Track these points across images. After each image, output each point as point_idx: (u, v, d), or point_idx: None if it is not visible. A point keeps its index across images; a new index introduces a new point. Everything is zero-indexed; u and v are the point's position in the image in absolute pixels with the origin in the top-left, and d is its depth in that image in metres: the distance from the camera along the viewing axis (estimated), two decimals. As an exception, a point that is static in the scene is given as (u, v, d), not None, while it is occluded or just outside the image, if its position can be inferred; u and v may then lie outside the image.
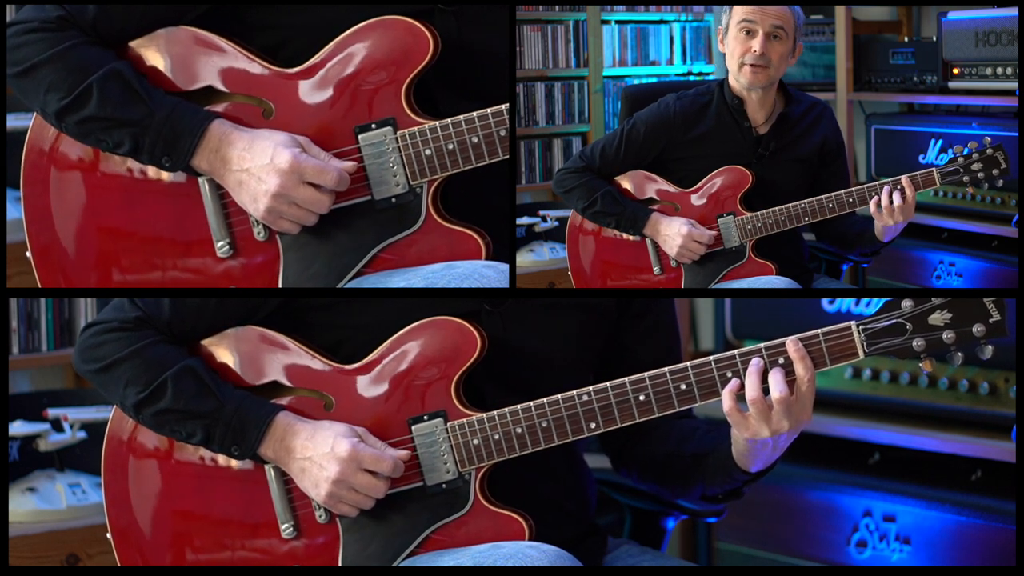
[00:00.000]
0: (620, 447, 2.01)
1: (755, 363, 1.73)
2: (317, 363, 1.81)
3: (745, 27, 2.61)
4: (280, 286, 1.86)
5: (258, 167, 1.80)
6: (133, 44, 1.85)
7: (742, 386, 1.73)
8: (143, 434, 1.85)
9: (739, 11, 2.61)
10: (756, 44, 2.60)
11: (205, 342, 1.84)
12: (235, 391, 1.80)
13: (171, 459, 1.85)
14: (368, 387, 1.80)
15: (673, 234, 2.70)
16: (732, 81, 2.70)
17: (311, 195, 1.80)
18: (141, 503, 1.85)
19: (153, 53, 1.85)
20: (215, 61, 1.84)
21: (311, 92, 1.82)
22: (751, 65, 2.62)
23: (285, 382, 1.82)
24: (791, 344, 1.73)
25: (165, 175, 1.87)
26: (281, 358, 1.82)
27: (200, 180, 1.85)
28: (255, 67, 1.83)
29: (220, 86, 1.84)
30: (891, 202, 2.57)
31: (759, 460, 1.80)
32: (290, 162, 1.78)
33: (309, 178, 1.79)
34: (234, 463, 1.83)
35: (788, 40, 2.62)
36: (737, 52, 2.63)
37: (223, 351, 1.83)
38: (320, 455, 1.76)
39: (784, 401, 1.71)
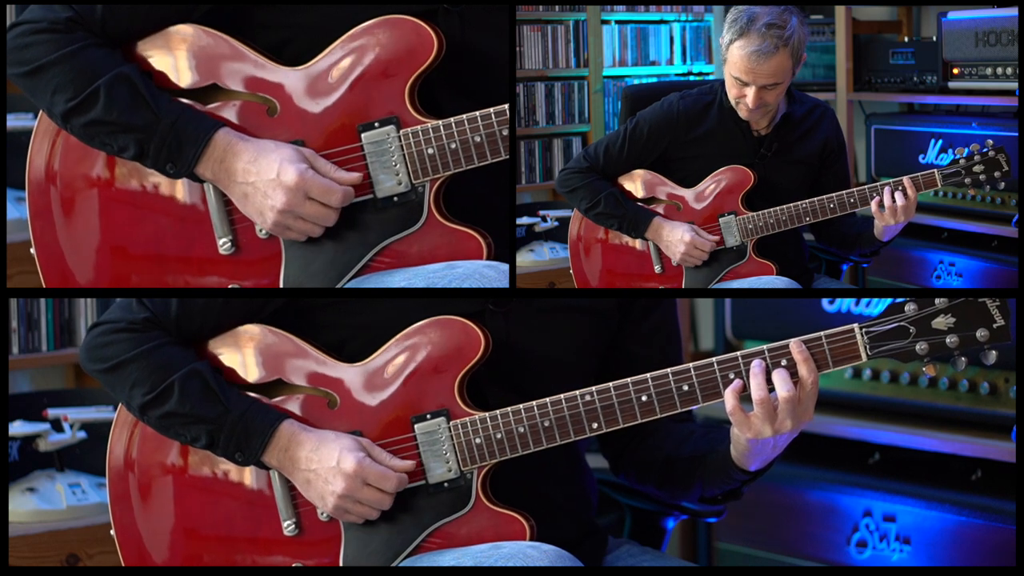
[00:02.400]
0: (619, 451, 2.01)
1: (758, 364, 1.73)
2: (321, 361, 1.81)
3: (737, 80, 2.58)
4: (282, 284, 1.86)
5: (264, 182, 1.80)
6: (139, 43, 1.86)
7: (745, 387, 1.73)
8: (143, 454, 1.85)
9: (732, 64, 2.54)
10: (749, 98, 2.57)
11: (211, 341, 1.84)
12: (241, 397, 1.80)
13: (174, 475, 1.85)
14: (372, 385, 1.80)
15: (676, 240, 2.71)
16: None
17: (317, 210, 1.80)
18: (146, 519, 1.86)
19: (159, 51, 1.85)
20: (220, 59, 1.84)
21: (315, 90, 1.82)
22: (747, 109, 2.60)
23: (289, 380, 1.82)
24: (795, 346, 1.73)
25: (178, 194, 1.87)
26: (285, 356, 1.82)
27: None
28: (260, 65, 1.84)
29: (225, 84, 1.84)
30: (893, 202, 2.57)
31: (759, 459, 1.81)
32: (296, 180, 1.78)
33: (315, 196, 1.80)
34: (234, 476, 1.83)
35: (785, 83, 2.59)
36: (733, 93, 2.61)
37: (228, 349, 1.83)
38: (326, 469, 1.76)
39: (790, 400, 1.71)
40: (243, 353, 1.83)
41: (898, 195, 2.57)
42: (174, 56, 1.85)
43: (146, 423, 1.83)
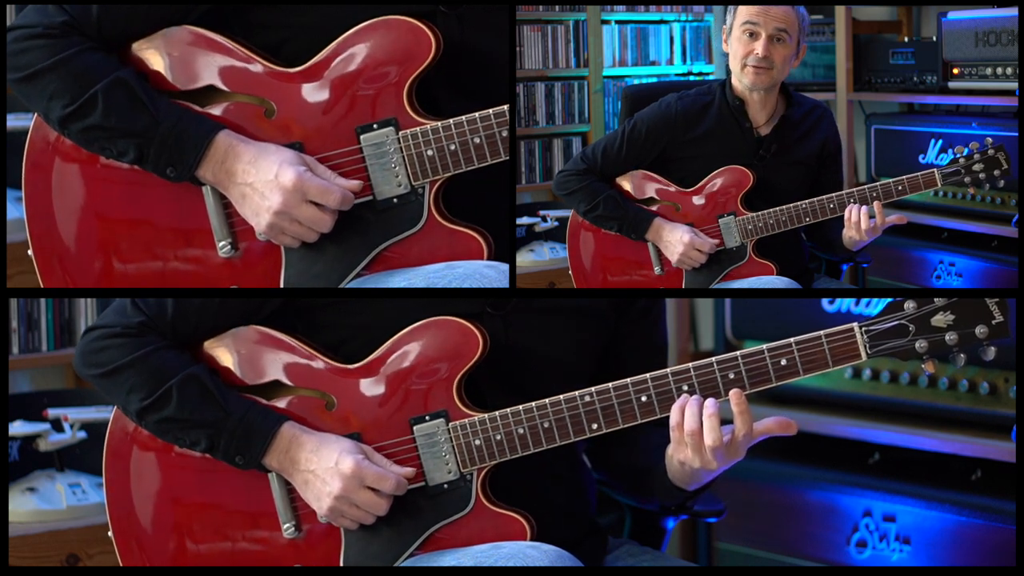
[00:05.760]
0: (594, 452, 2.02)
1: (695, 399, 1.73)
2: (319, 362, 1.81)
3: (748, 28, 2.61)
4: (282, 285, 1.86)
5: (262, 182, 1.80)
6: (135, 45, 1.85)
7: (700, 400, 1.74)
8: (141, 445, 1.85)
9: (743, 12, 2.61)
10: (759, 47, 2.60)
11: (207, 343, 1.84)
12: (241, 400, 1.80)
13: (173, 454, 1.84)
14: (370, 387, 1.80)
15: (675, 241, 2.71)
16: (734, 82, 2.70)
17: (313, 214, 1.80)
18: (142, 498, 1.85)
19: (155, 53, 1.85)
20: (217, 60, 1.84)
21: (313, 92, 1.82)
22: (753, 67, 2.62)
23: (287, 381, 1.82)
24: (734, 396, 1.72)
25: (177, 196, 1.87)
26: (283, 357, 1.82)
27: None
28: (257, 67, 1.83)
29: (222, 85, 1.84)
30: (858, 219, 2.58)
31: (694, 481, 1.82)
32: (294, 180, 1.78)
33: (312, 197, 1.79)
34: (233, 477, 1.83)
35: (792, 43, 2.62)
36: (740, 53, 2.63)
37: (225, 351, 1.83)
38: (324, 470, 1.76)
39: (715, 449, 1.72)
40: (240, 355, 1.83)
41: (865, 216, 2.58)
42: (170, 58, 1.84)
43: (144, 428, 1.82)
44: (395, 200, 1.84)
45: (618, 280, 2.84)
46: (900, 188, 2.62)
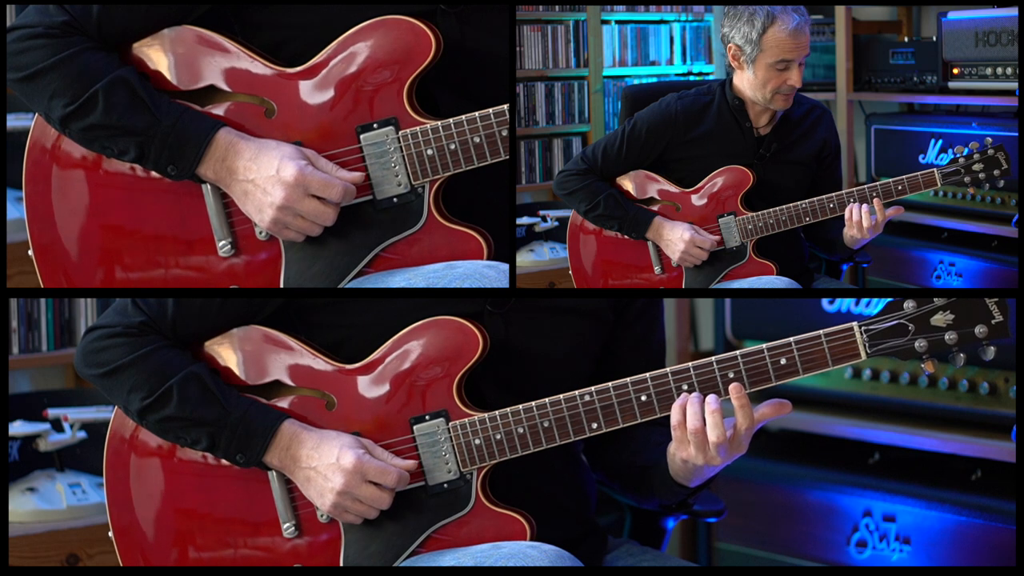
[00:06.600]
0: (591, 450, 2.02)
1: (696, 396, 1.73)
2: (319, 362, 1.81)
3: (784, 65, 2.62)
4: (282, 285, 1.86)
5: (264, 178, 1.80)
6: (136, 44, 1.86)
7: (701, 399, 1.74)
8: (145, 432, 1.85)
9: (774, 49, 2.60)
10: (794, 77, 2.62)
11: (209, 342, 1.84)
12: (241, 399, 1.80)
13: (173, 457, 1.85)
14: (370, 387, 1.80)
15: (676, 239, 2.71)
16: (750, 93, 2.69)
17: (316, 208, 1.80)
18: (143, 501, 1.85)
19: (156, 53, 1.85)
20: (218, 60, 1.84)
21: (313, 92, 1.82)
22: (786, 95, 2.64)
23: (287, 381, 1.82)
24: (734, 390, 1.73)
25: (176, 195, 1.87)
26: (283, 357, 1.82)
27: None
28: (257, 66, 1.84)
29: (222, 85, 1.84)
30: (859, 217, 2.59)
31: (696, 478, 1.82)
32: (295, 175, 1.78)
33: (314, 191, 1.79)
34: (233, 476, 1.83)
35: None
36: (772, 84, 2.63)
37: (226, 351, 1.83)
38: (325, 466, 1.76)
39: (719, 444, 1.72)
40: (240, 354, 1.83)
41: (867, 214, 2.59)
42: (171, 58, 1.85)
43: (145, 427, 1.82)
44: (395, 200, 1.84)
45: (619, 283, 2.84)
46: (900, 188, 2.62)
